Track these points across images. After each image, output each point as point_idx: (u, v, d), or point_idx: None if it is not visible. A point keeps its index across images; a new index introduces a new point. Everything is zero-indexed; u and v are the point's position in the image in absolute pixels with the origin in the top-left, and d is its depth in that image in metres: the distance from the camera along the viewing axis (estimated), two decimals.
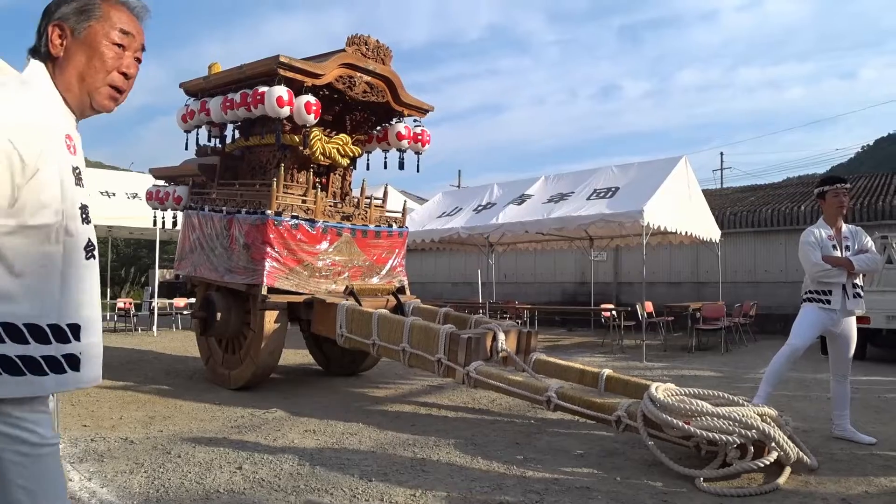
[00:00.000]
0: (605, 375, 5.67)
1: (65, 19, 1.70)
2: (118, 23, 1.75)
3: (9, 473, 1.54)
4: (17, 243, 1.52)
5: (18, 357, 1.53)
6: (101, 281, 1.81)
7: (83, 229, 1.64)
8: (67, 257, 1.60)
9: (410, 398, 6.95)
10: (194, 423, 5.60)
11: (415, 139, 8.19)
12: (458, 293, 19.94)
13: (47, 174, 1.55)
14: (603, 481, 4.04)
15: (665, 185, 10.91)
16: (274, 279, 6.93)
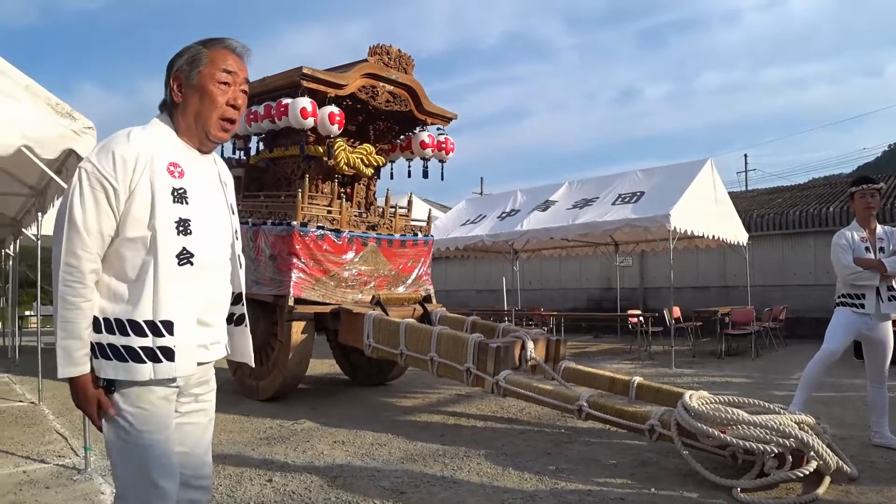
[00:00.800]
0: (637, 383, 5.59)
1: (181, 71, 2.06)
2: (222, 64, 2.07)
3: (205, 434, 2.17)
4: (122, 253, 1.93)
5: (122, 346, 1.91)
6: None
7: (177, 240, 1.95)
8: (159, 264, 1.92)
9: (439, 408, 6.91)
10: (223, 434, 5.61)
11: (438, 147, 8.18)
12: (483, 301, 19.88)
13: (140, 196, 1.91)
14: (637, 492, 3.98)
15: (691, 189, 10.78)
16: (300, 290, 6.95)
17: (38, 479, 4.35)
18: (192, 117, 2.06)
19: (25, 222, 9.66)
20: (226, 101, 2.07)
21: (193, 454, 2.12)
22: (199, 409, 2.15)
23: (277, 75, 7.18)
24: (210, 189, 2.12)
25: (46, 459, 4.82)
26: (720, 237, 12.05)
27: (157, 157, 1.96)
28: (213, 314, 2.09)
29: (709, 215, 11.41)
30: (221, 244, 2.12)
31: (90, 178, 1.89)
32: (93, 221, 1.88)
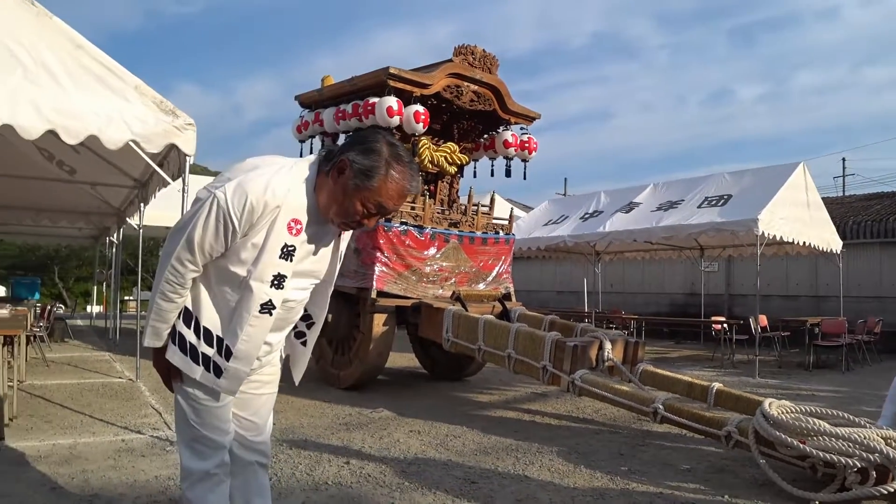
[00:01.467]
0: (715, 389, 5.50)
1: (352, 164, 2.04)
2: (383, 196, 2.06)
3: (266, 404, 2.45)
4: (223, 274, 2.11)
5: (191, 343, 2.14)
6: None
7: (267, 292, 2.08)
8: (242, 304, 2.10)
9: (514, 404, 6.97)
10: (305, 418, 5.85)
11: (522, 147, 8.23)
12: (564, 302, 19.74)
13: (251, 241, 2.04)
14: (710, 499, 3.94)
15: (781, 193, 10.42)
16: (383, 283, 7.13)
17: (135, 447, 4.68)
18: (330, 201, 2.08)
19: (129, 212, 10.25)
20: (360, 219, 2.10)
21: (252, 421, 2.41)
22: (261, 384, 2.40)
23: (365, 75, 7.39)
24: (321, 241, 2.19)
25: (142, 431, 5.17)
26: (812, 244, 11.60)
27: (283, 211, 2.03)
28: (276, 335, 2.28)
29: (800, 221, 11.02)
30: (308, 285, 2.27)
31: (219, 210, 2.00)
32: (207, 244, 2.03)
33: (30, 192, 10.52)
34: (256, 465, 2.42)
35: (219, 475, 2.26)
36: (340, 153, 2.08)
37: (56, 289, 34.92)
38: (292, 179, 2.07)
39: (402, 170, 2.07)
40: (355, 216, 2.09)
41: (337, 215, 2.10)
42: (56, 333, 11.79)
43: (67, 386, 7.16)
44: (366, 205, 2.07)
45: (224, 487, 2.30)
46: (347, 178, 2.04)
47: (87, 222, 12.73)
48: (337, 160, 2.07)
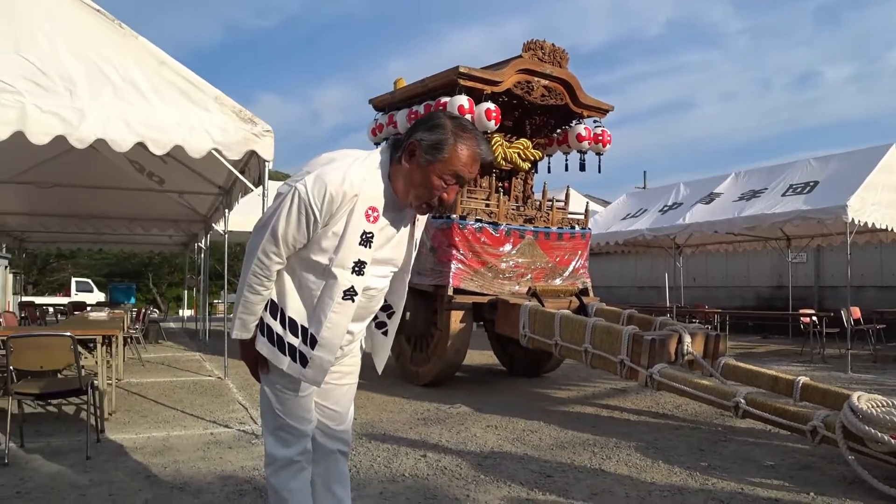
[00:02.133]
0: (802, 383, 5.33)
1: (420, 144, 2.13)
2: (456, 165, 2.13)
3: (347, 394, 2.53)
4: (305, 264, 2.19)
5: (278, 335, 2.22)
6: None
7: (349, 278, 2.15)
8: (326, 292, 2.17)
9: (592, 400, 6.93)
10: (384, 413, 5.98)
11: (595, 140, 8.14)
12: (645, 297, 19.37)
13: (332, 230, 2.12)
14: (794, 496, 3.82)
15: (872, 177, 9.88)
16: (459, 280, 7.20)
17: (223, 440, 4.92)
18: (407, 185, 2.16)
19: (214, 219, 10.69)
20: (440, 193, 2.16)
21: (335, 410, 2.49)
22: (343, 374, 2.48)
23: (435, 76, 7.47)
24: (398, 228, 2.26)
25: (230, 425, 5.41)
26: None
27: (361, 199, 2.12)
28: (357, 324, 2.35)
29: (894, 206, 10.47)
30: (387, 272, 2.33)
31: (300, 201, 2.08)
32: (290, 235, 2.12)
33: (124, 203, 11.13)
34: (338, 453, 2.51)
35: (301, 462, 2.35)
36: (408, 137, 2.16)
37: (150, 294, 36.62)
38: (367, 169, 2.16)
39: (468, 136, 2.15)
40: (435, 192, 2.15)
41: (417, 197, 2.17)
42: (151, 335, 12.39)
43: (161, 384, 7.55)
44: (443, 177, 2.14)
45: (306, 474, 2.39)
46: (419, 157, 2.12)
47: (177, 229, 13.33)
48: (406, 144, 2.15)
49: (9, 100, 4.68)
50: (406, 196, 2.18)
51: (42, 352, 4.51)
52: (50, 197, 10.40)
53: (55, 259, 35.35)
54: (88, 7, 5.29)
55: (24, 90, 4.73)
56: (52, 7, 5.19)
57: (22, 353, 4.47)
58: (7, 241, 15.46)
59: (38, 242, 16.76)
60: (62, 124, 4.79)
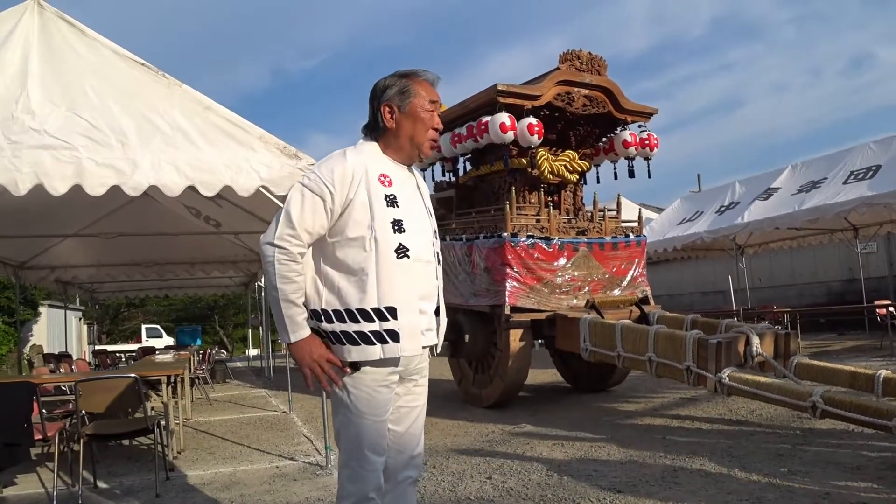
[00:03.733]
0: (883, 377, 5.06)
1: (391, 100, 2.34)
2: (427, 95, 2.37)
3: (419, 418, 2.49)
4: (346, 251, 2.22)
5: (355, 332, 2.20)
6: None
7: (394, 237, 2.22)
8: (380, 258, 2.20)
9: (662, 411, 6.74)
10: (448, 438, 5.93)
11: (642, 144, 8.00)
12: (710, 302, 18.90)
13: (359, 203, 2.21)
14: (885, 497, 3.61)
15: None
16: (515, 298, 7.13)
17: (288, 473, 4.95)
18: (406, 140, 2.35)
19: None
20: (432, 125, 2.37)
21: (408, 434, 2.42)
22: (415, 395, 2.44)
23: (475, 96, 7.49)
24: (412, 195, 2.38)
25: (295, 457, 5.45)
26: None
27: (370, 170, 2.25)
28: (426, 303, 2.33)
29: None
30: (427, 241, 2.36)
31: (312, 186, 2.20)
32: (307, 220, 2.18)
33: (183, 248, 11.45)
34: (408, 481, 2.44)
35: (375, 500, 2.28)
36: (373, 110, 2.37)
37: (217, 336, 37.50)
38: (362, 150, 2.33)
39: (412, 71, 2.39)
40: (430, 124, 2.36)
41: (420, 137, 2.36)
42: (218, 375, 12.66)
43: (228, 421, 7.67)
44: (425, 108, 2.35)
45: None
46: (398, 110, 2.33)
47: (237, 270, 13.60)
48: (379, 114, 2.34)
49: (66, 156, 4.87)
50: (411, 150, 2.37)
51: (109, 394, 4.69)
52: (114, 248, 10.77)
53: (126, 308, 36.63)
54: (133, 61, 5.50)
55: (79, 146, 4.91)
56: (99, 65, 5.42)
57: (90, 396, 4.66)
58: (79, 294, 16.05)
59: (107, 293, 17.34)
60: (116, 175, 4.94)
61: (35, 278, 11.94)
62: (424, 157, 2.45)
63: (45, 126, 4.93)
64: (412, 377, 2.38)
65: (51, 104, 5.11)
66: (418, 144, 2.36)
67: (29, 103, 5.04)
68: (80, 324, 29.35)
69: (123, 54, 5.63)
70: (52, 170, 4.77)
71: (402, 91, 2.34)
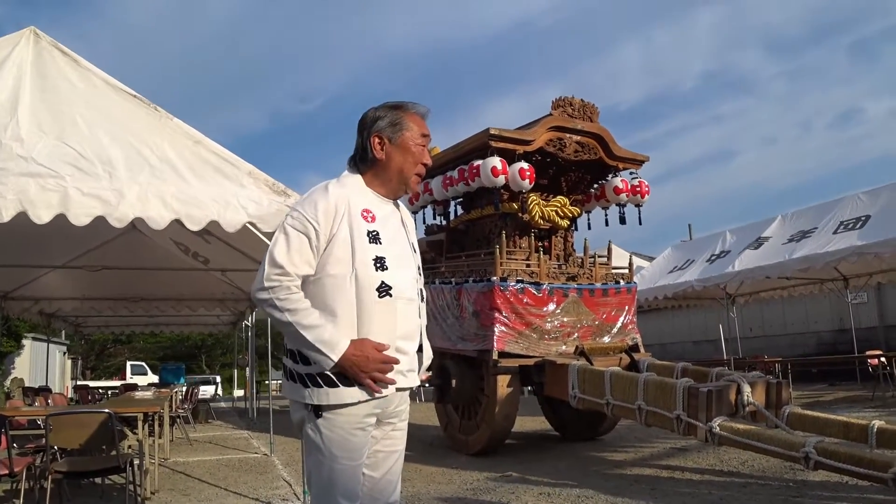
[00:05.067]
0: (877, 428, 4.97)
1: (381, 131, 2.29)
2: (419, 129, 2.32)
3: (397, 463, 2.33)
4: (324, 289, 2.14)
5: (333, 373, 2.10)
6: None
7: (376, 275, 2.16)
8: (360, 296, 2.14)
9: (651, 461, 6.60)
10: (431, 485, 5.77)
11: (633, 191, 8.00)
12: (701, 352, 18.81)
13: (341, 239, 2.15)
14: None
15: None
16: (504, 343, 7.03)
17: None
18: (395, 173, 2.30)
19: None
20: (421, 160, 2.32)
21: (384, 480, 2.28)
22: (393, 439, 2.31)
23: (467, 140, 7.51)
24: (396, 231, 2.32)
25: (272, 502, 5.29)
26: None
27: (352, 205, 2.20)
28: (408, 343, 2.25)
29: None
30: (410, 278, 2.29)
31: (295, 223, 2.15)
32: (294, 255, 2.12)
33: (170, 284, 11.34)
34: None
35: None
36: (362, 141, 2.31)
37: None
38: (345, 184, 2.28)
39: (403, 105, 2.34)
40: (420, 158, 2.32)
41: (408, 172, 2.31)
42: (200, 415, 12.42)
43: (207, 462, 7.47)
44: (416, 142, 2.30)
45: None
46: (388, 142, 2.28)
47: (224, 308, 13.49)
48: (368, 145, 2.29)
49: (52, 184, 4.80)
50: (398, 183, 2.32)
51: (82, 430, 4.53)
52: (100, 281, 10.66)
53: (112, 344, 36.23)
54: (125, 93, 5.49)
55: (66, 174, 4.85)
56: (91, 95, 5.40)
57: (62, 431, 4.49)
58: (64, 327, 15.85)
59: (93, 327, 17.16)
60: (102, 205, 4.87)
61: (19, 309, 11.80)
62: (410, 192, 2.39)
63: (32, 153, 4.87)
64: (390, 420, 2.28)
65: (40, 132, 5.07)
66: (406, 178, 2.31)
67: (18, 130, 5.00)
68: (65, 358, 28.97)
69: (116, 85, 5.63)
70: (37, 198, 4.70)
71: (393, 123, 2.29)
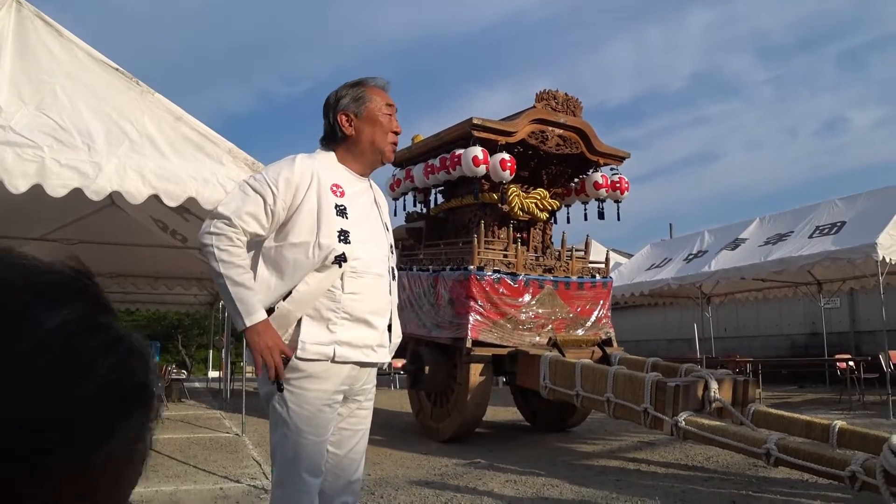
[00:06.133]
0: (838, 427, 5.09)
1: (346, 109, 2.33)
2: (382, 99, 2.37)
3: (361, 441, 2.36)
4: (285, 256, 2.19)
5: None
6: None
7: (339, 246, 2.18)
8: (321, 265, 2.17)
9: (619, 453, 6.69)
10: (400, 469, 5.81)
11: (613, 187, 8.07)
12: (675, 350, 19.00)
13: (306, 209, 2.19)
14: None
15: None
16: (478, 332, 7.08)
17: (231, 495, 4.81)
18: (367, 145, 2.34)
19: None
20: (391, 128, 2.37)
21: (347, 458, 2.31)
22: (358, 417, 2.35)
23: (450, 129, 7.53)
24: (367, 208, 2.36)
25: (241, 480, 5.30)
26: None
27: (322, 178, 2.24)
28: (377, 318, 2.29)
29: None
30: (381, 255, 2.33)
31: (255, 182, 2.20)
32: (245, 213, 2.14)
33: (147, 261, 11.26)
34: None
35: None
36: (330, 121, 2.36)
37: (179, 356, 36.86)
38: (317, 158, 2.32)
39: (362, 79, 2.40)
40: (389, 126, 2.36)
41: (381, 142, 2.35)
42: (173, 394, 12.39)
43: (177, 440, 7.46)
44: (383, 112, 2.35)
45: None
46: (355, 117, 2.32)
47: (201, 287, 13.42)
48: (336, 124, 2.33)
49: (29, 154, 4.76)
50: (372, 155, 2.37)
51: None
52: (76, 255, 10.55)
53: None
54: (107, 66, 5.44)
55: (44, 145, 4.80)
56: (73, 66, 5.34)
57: None
58: None
59: None
60: (79, 177, 4.84)
61: None
62: (386, 160, 2.44)
63: (10, 123, 4.82)
64: (356, 398, 2.31)
65: (19, 101, 5.02)
66: (380, 148, 2.36)
67: None
68: None
69: (98, 58, 5.57)
70: (14, 167, 4.66)
71: (356, 98, 2.34)
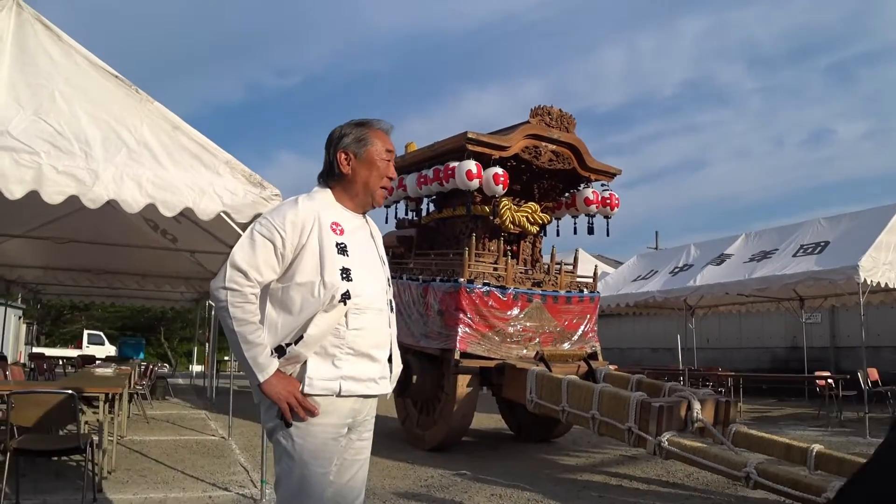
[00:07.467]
0: (815, 451, 5.20)
1: (347, 148, 2.40)
2: (383, 144, 2.43)
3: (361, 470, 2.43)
4: (291, 296, 2.24)
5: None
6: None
7: (342, 284, 2.24)
8: (327, 304, 2.22)
9: (601, 468, 6.79)
10: (386, 479, 5.88)
11: (603, 203, 8.17)
12: (659, 359, 19.17)
13: (310, 250, 2.25)
14: None
15: (883, 237, 9.85)
16: (466, 344, 7.15)
17: (220, 503, 4.84)
18: (361, 187, 2.40)
19: None
20: (387, 174, 2.43)
21: (348, 487, 2.37)
22: (359, 447, 2.41)
23: (444, 141, 7.59)
24: (365, 244, 2.42)
25: (229, 488, 5.35)
26: None
27: (322, 218, 2.30)
28: (378, 351, 2.34)
29: None
30: (378, 289, 2.39)
31: (262, 230, 2.25)
32: (258, 262, 2.21)
33: (136, 260, 11.25)
34: None
35: None
36: (329, 159, 2.42)
37: (162, 349, 36.65)
38: (316, 198, 2.38)
39: (368, 122, 2.46)
40: (385, 172, 2.43)
41: (375, 185, 2.41)
42: (158, 391, 12.36)
43: (164, 442, 7.49)
44: (381, 156, 2.41)
45: None
46: (354, 157, 2.39)
47: (188, 287, 13.42)
48: (334, 162, 2.40)
49: (26, 160, 4.77)
50: (364, 197, 2.43)
51: (42, 408, 4.47)
52: (64, 252, 10.52)
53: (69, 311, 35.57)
54: (106, 72, 5.45)
55: (41, 151, 4.82)
56: (72, 72, 5.35)
57: (23, 410, 4.43)
58: (22, 293, 15.61)
59: (52, 295, 16.92)
60: (76, 184, 4.87)
61: None
62: (377, 205, 2.50)
63: (8, 127, 4.83)
64: (358, 429, 2.37)
65: (17, 106, 5.02)
66: (372, 192, 2.42)
67: None
68: (20, 322, 28.47)
69: (98, 64, 5.58)
70: (10, 172, 4.68)
71: (358, 139, 2.40)
